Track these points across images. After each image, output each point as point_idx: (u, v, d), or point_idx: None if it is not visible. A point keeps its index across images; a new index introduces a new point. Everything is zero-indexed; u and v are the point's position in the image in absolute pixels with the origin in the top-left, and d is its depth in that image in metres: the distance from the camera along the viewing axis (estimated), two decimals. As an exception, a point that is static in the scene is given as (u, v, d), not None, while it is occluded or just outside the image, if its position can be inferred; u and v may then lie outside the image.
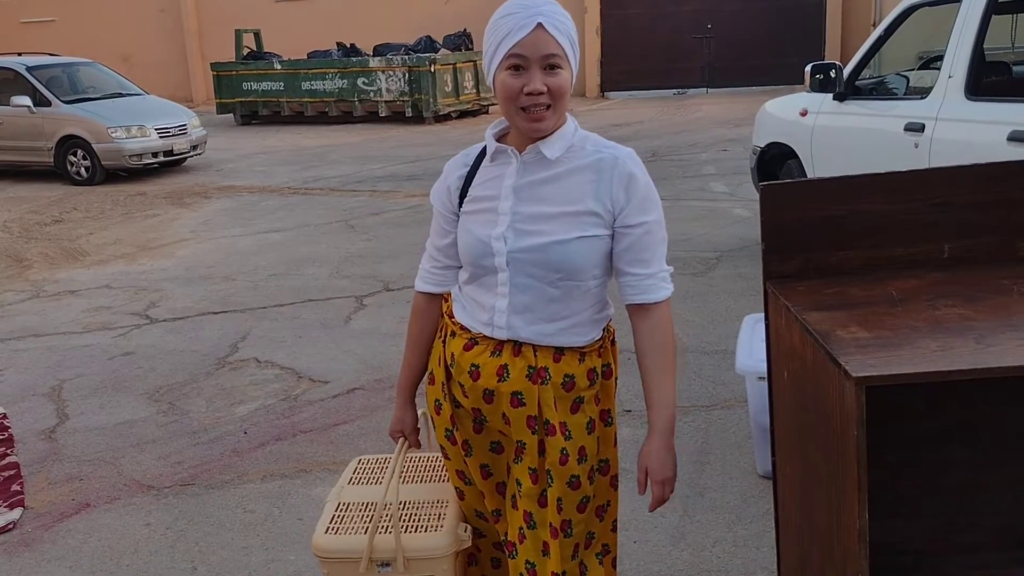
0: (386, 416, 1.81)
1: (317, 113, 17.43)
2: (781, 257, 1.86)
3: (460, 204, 1.85)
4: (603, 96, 20.53)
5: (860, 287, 1.76)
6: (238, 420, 4.07)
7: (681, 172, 9.86)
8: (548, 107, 1.69)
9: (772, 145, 6.19)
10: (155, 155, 11.75)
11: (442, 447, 1.99)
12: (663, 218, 1.80)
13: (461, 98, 17.10)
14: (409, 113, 16.69)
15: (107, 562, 3.01)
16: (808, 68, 5.54)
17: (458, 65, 16.95)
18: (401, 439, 2.07)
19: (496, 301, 1.79)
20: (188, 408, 4.24)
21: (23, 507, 3.39)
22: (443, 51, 17.46)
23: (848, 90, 5.37)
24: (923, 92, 4.82)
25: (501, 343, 1.80)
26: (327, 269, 6.69)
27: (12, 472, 3.66)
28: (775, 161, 6.22)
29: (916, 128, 4.60)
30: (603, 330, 1.86)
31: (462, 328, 1.86)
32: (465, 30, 18.64)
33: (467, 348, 1.84)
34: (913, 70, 6.01)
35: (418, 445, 2.10)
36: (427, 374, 1.99)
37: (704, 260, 6.25)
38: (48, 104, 11.87)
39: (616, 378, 1.93)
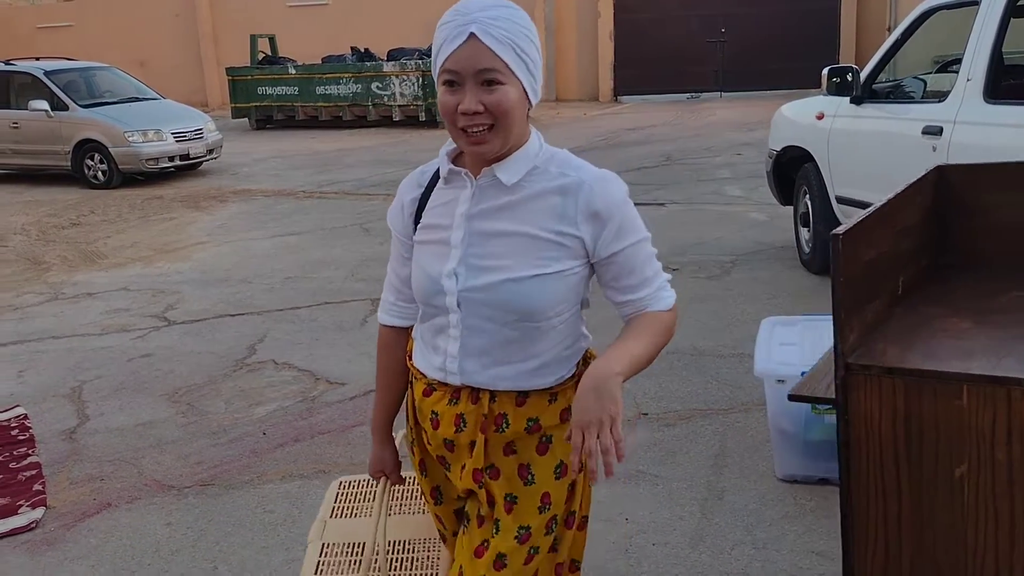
0: (402, 417, 1.77)
1: (331, 117, 17.51)
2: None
3: (415, 231, 1.66)
4: (616, 100, 20.54)
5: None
6: (257, 421, 4.09)
7: (695, 176, 9.85)
8: (491, 127, 1.47)
9: (788, 149, 6.18)
10: (171, 159, 11.83)
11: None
12: (648, 234, 1.59)
13: (475, 102, 17.11)
14: (423, 117, 16.75)
15: (128, 561, 3.03)
16: (825, 71, 5.53)
17: (472, 69, 16.96)
18: (383, 478, 1.88)
19: (448, 344, 1.59)
20: (207, 409, 4.27)
21: (45, 506, 3.42)
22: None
23: (865, 93, 5.36)
24: (941, 95, 4.81)
25: (458, 390, 1.61)
26: (343, 272, 6.72)
27: (34, 472, 3.70)
28: (791, 165, 6.22)
29: (934, 131, 4.58)
30: (578, 364, 1.66)
31: (419, 372, 1.69)
32: (479, 34, 18.67)
33: (426, 394, 1.67)
34: (930, 73, 5.99)
35: (401, 482, 1.90)
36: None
37: (720, 264, 6.24)
38: (65, 108, 11.98)
39: None
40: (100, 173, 11.81)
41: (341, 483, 2.14)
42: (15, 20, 26.00)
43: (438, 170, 1.64)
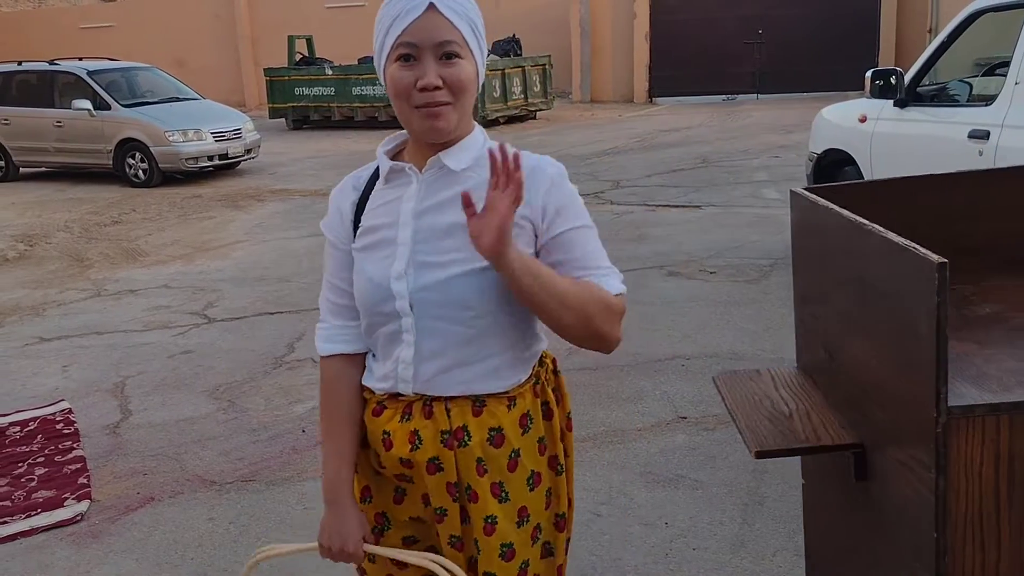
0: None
1: (367, 118, 17.62)
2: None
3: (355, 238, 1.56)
4: (651, 101, 20.46)
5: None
6: (296, 419, 4.13)
7: (732, 178, 9.77)
8: (448, 104, 1.42)
9: (829, 152, 6.12)
10: (210, 158, 11.98)
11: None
12: (594, 225, 1.54)
13: (509, 104, 17.17)
14: (457, 118, 16.78)
15: (172, 555, 3.07)
16: (869, 74, 5.47)
17: (507, 71, 17.03)
18: (339, 559, 1.58)
19: (400, 351, 1.50)
20: (247, 406, 4.31)
21: (90, 500, 3.48)
22: (492, 56, 17.52)
23: (909, 96, 5.29)
24: (988, 99, 4.73)
25: (410, 404, 1.52)
26: (379, 272, 6.75)
27: (79, 465, 3.77)
28: (832, 168, 6.15)
29: (981, 135, 4.51)
30: (534, 367, 1.58)
31: (367, 391, 1.58)
32: (514, 35, 18.74)
33: (376, 414, 1.56)
34: (976, 77, 5.89)
35: (365, 559, 1.61)
36: None
37: (758, 267, 6.19)
38: (108, 108, 12.18)
39: (568, 414, 1.65)
40: (141, 172, 11.99)
41: (259, 554, 1.70)
42: (59, 21, 26.49)
43: (374, 172, 1.58)
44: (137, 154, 11.95)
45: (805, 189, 2.03)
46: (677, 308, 5.35)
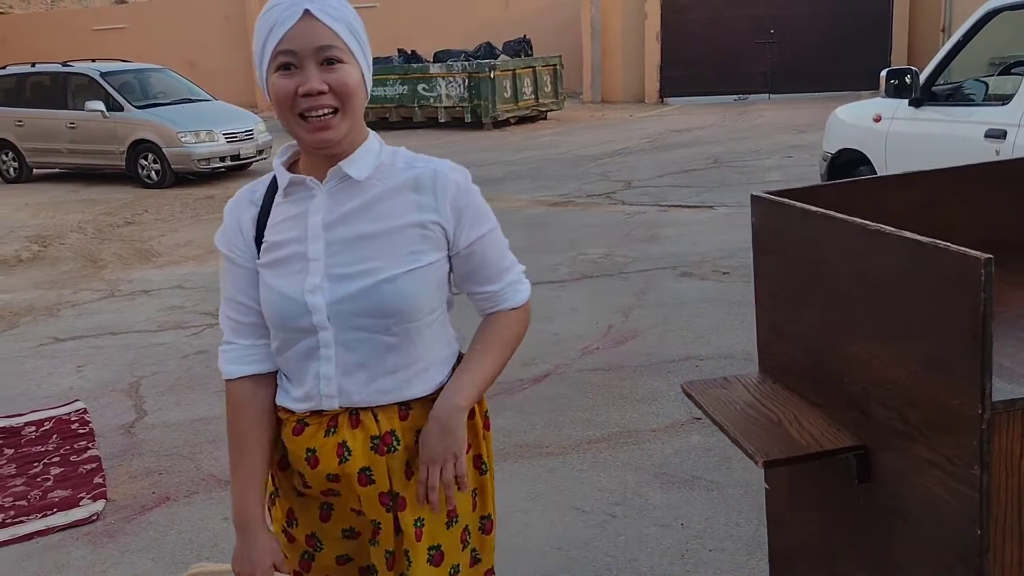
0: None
1: (377, 119, 17.63)
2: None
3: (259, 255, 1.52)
4: (662, 102, 20.42)
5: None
6: (310, 419, 4.13)
7: (744, 179, 9.74)
8: (335, 111, 1.39)
9: (844, 151, 6.09)
10: (222, 159, 12.02)
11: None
12: (497, 223, 1.57)
13: (520, 104, 17.17)
14: (468, 119, 16.81)
15: (187, 554, 3.08)
16: (884, 73, 5.44)
17: (517, 71, 17.03)
18: None
19: (320, 367, 1.47)
20: (261, 406, 4.31)
21: (106, 499, 3.49)
22: (503, 57, 17.55)
23: (925, 96, 5.26)
24: (1004, 98, 4.70)
25: (335, 416, 1.49)
26: (392, 272, 6.75)
27: (94, 465, 3.78)
28: (846, 167, 6.12)
29: (997, 135, 4.48)
30: (454, 366, 1.58)
31: (285, 411, 1.53)
32: (525, 36, 18.73)
33: (296, 432, 1.51)
34: (992, 76, 5.86)
35: None
36: None
37: (771, 268, 6.15)
38: (121, 109, 12.23)
39: (486, 412, 1.64)
40: (153, 173, 12.04)
41: (192, 571, 1.74)
42: (71, 23, 26.62)
43: (270, 185, 1.54)
44: (150, 155, 12.00)
45: (770, 193, 2.04)
46: (690, 309, 5.34)
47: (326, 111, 1.39)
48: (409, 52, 18.29)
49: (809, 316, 1.84)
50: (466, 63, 16.92)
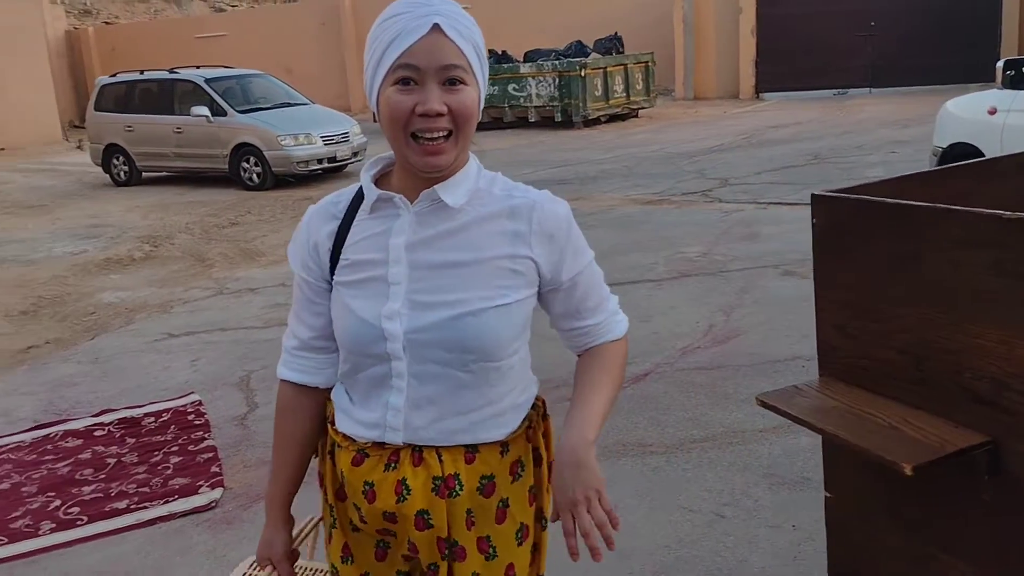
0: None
1: (469, 119, 17.81)
2: None
3: (333, 270, 1.43)
4: (758, 97, 20.02)
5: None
6: (413, 414, 4.20)
7: (846, 175, 9.46)
8: (448, 135, 1.31)
9: (955, 146, 5.87)
10: (319, 161, 12.32)
11: (334, 570, 1.57)
12: (593, 253, 1.48)
13: (611, 102, 17.09)
14: (558, 118, 16.82)
15: (301, 543, 3.16)
16: (1000, 64, 5.23)
17: (608, 69, 16.95)
18: (269, 568, 1.61)
19: (389, 396, 1.39)
20: (366, 401, 4.41)
21: (223, 487, 3.62)
22: (593, 55, 17.49)
23: (1046, 86, 5.03)
24: None
25: (397, 451, 1.41)
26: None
27: (211, 455, 3.93)
28: (959, 162, 5.89)
29: None
30: (527, 414, 1.49)
31: (346, 438, 1.46)
32: (616, 33, 18.64)
33: (356, 463, 1.43)
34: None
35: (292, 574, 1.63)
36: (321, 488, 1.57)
37: (878, 266, 5.97)
38: (224, 114, 12.66)
39: (551, 463, 1.52)
40: (255, 175, 12.42)
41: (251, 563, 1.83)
42: (175, 31, 27.73)
43: (354, 198, 1.45)
44: (251, 158, 12.39)
45: (834, 191, 2.00)
46: (794, 308, 5.21)
47: (441, 134, 1.30)
48: (500, 52, 18.41)
49: (903, 315, 1.79)
50: (557, 62, 16.93)
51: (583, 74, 16.36)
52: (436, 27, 1.27)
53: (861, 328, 1.91)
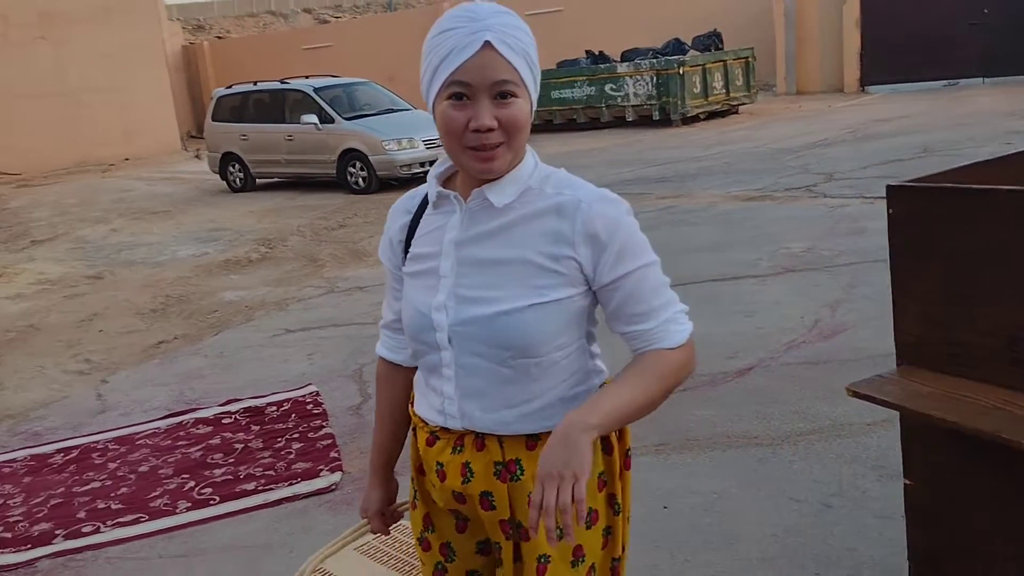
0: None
1: (565, 120, 17.91)
2: None
3: (404, 261, 1.54)
4: (863, 91, 19.44)
5: None
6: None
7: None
8: (502, 144, 1.36)
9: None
10: (422, 164, 12.62)
11: (421, 537, 1.64)
12: (656, 259, 1.44)
13: (710, 99, 16.92)
14: (656, 116, 16.75)
15: (417, 524, 3.33)
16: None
17: (707, 66, 16.79)
18: (364, 521, 1.78)
19: (443, 385, 1.47)
20: (473, 393, 4.57)
21: (342, 471, 3.83)
22: (692, 52, 17.35)
23: None
24: None
25: (461, 437, 1.49)
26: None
27: (329, 441, 4.15)
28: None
29: None
30: None
31: (421, 420, 1.56)
32: (715, 30, 18.45)
33: (429, 444, 1.53)
34: None
35: (386, 532, 1.79)
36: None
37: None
38: (332, 121, 13.11)
39: (628, 451, 1.55)
40: (361, 179, 12.84)
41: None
42: (283, 44, 28.80)
43: (426, 195, 1.53)
44: (357, 163, 12.80)
45: (912, 182, 1.98)
46: (903, 302, 5.11)
47: (494, 145, 1.36)
48: (597, 53, 18.45)
49: (1004, 301, 1.79)
50: (654, 60, 16.87)
51: (681, 72, 16.25)
52: (488, 44, 1.31)
53: (947, 315, 1.92)
